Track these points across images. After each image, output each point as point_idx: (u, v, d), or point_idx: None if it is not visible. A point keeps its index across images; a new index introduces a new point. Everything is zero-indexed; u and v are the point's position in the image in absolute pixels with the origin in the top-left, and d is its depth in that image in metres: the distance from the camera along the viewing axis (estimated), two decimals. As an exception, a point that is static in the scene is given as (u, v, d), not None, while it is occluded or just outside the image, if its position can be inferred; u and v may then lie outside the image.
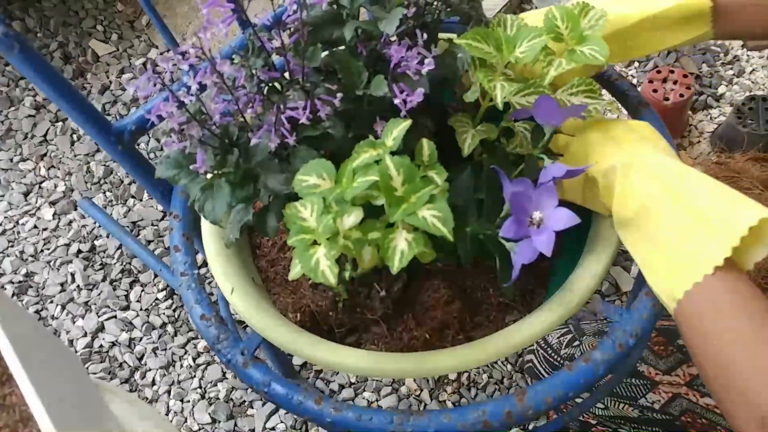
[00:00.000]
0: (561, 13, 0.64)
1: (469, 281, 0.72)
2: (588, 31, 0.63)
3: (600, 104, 0.66)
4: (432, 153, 0.57)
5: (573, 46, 0.63)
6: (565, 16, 0.64)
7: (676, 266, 0.56)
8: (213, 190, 0.59)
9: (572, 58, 0.63)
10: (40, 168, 1.70)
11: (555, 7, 0.65)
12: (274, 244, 0.77)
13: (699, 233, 0.55)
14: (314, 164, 0.56)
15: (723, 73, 1.58)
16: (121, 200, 1.62)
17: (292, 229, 0.54)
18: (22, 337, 0.49)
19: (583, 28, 0.64)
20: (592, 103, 0.65)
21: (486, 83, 0.60)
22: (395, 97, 0.58)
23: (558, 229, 0.57)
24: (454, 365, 0.62)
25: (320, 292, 0.70)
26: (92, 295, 1.50)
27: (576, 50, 0.63)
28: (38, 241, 1.59)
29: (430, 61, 0.58)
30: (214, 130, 0.58)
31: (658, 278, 0.59)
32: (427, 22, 0.63)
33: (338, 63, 0.60)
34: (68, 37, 1.88)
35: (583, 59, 0.62)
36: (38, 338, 0.54)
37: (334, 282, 0.52)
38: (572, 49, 0.63)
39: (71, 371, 0.61)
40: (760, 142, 1.32)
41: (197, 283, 0.67)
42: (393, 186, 0.53)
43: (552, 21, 0.64)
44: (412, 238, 0.53)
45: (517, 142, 0.67)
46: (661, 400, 0.89)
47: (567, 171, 0.58)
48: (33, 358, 0.49)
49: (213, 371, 1.38)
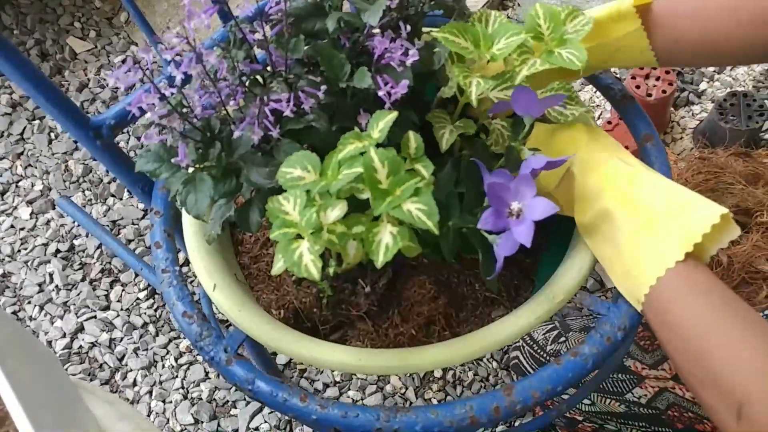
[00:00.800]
0: (544, 12, 0.63)
1: (455, 276, 0.71)
2: (571, 35, 0.63)
3: (577, 111, 0.65)
4: (419, 146, 0.56)
5: (552, 47, 0.62)
6: (548, 16, 0.63)
7: (638, 265, 0.57)
8: (195, 184, 0.58)
9: (549, 60, 0.62)
10: (17, 167, 1.67)
11: (540, 4, 0.64)
12: (257, 240, 0.76)
13: (658, 232, 0.56)
14: (299, 156, 0.55)
15: (704, 69, 1.59)
16: (101, 199, 1.60)
17: (274, 222, 0.53)
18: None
19: (565, 31, 0.63)
20: (570, 110, 0.65)
21: (461, 79, 0.59)
22: (379, 89, 0.58)
23: (537, 218, 0.56)
24: (439, 361, 0.61)
25: (304, 289, 0.69)
26: (71, 295, 1.48)
27: (554, 52, 0.62)
28: (15, 241, 1.56)
29: (414, 53, 0.57)
30: (195, 123, 0.57)
31: (622, 279, 0.60)
32: (410, 14, 0.62)
33: (321, 55, 0.59)
34: (45, 35, 1.85)
35: (559, 62, 0.61)
36: (15, 338, 0.52)
37: (318, 277, 0.51)
38: (551, 50, 0.62)
39: (49, 371, 0.59)
40: (742, 137, 1.33)
41: (179, 280, 0.66)
42: (378, 179, 0.52)
43: (534, 19, 0.63)
44: (397, 231, 0.52)
45: (493, 139, 0.67)
46: (648, 394, 0.89)
47: (547, 162, 0.58)
48: (10, 358, 0.47)
49: (195, 371, 1.36)
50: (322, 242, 0.53)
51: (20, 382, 0.45)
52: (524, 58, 0.63)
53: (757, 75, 1.56)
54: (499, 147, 0.67)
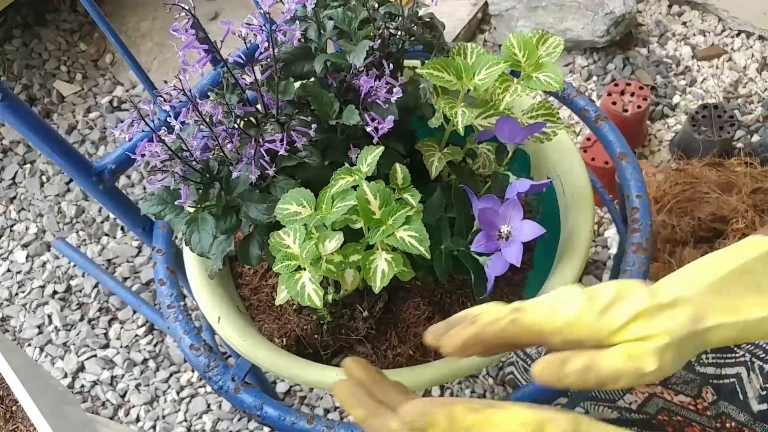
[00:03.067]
0: (518, 41, 0.67)
1: (448, 296, 0.75)
2: (545, 58, 0.67)
3: (558, 127, 0.69)
4: (405, 176, 0.60)
5: (530, 72, 0.67)
6: (522, 45, 0.67)
7: None
8: (198, 223, 0.61)
9: (528, 85, 0.66)
10: (10, 211, 1.69)
11: (513, 35, 0.68)
12: (256, 272, 0.79)
13: None
14: (294, 193, 0.59)
15: (676, 83, 1.64)
16: (95, 239, 1.62)
17: (277, 256, 0.57)
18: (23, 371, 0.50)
19: (539, 55, 0.67)
20: (551, 126, 0.69)
21: (447, 110, 0.63)
22: (367, 125, 0.61)
23: (525, 240, 0.61)
24: (437, 378, 0.64)
25: (305, 316, 0.72)
26: (71, 335, 1.50)
27: (533, 77, 0.66)
28: (12, 285, 1.58)
29: (398, 90, 0.61)
30: (195, 166, 0.61)
31: None
32: (392, 52, 0.66)
33: (311, 95, 0.63)
34: (32, 79, 1.88)
35: (538, 86, 0.65)
36: (36, 374, 0.55)
37: (320, 304, 0.55)
38: (529, 75, 0.67)
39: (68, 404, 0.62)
40: (714, 147, 1.38)
41: (184, 315, 0.69)
42: (371, 209, 0.56)
43: (510, 49, 0.67)
44: (392, 258, 0.56)
45: (480, 163, 0.71)
46: (638, 400, 0.92)
47: (531, 185, 0.62)
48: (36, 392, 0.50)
49: (197, 403, 1.38)
50: (321, 272, 0.57)
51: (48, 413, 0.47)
52: (506, 86, 0.68)
53: (727, 86, 1.62)
54: (486, 169, 0.71)
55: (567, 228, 0.74)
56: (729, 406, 0.86)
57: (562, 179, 0.77)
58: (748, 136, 1.53)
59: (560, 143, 0.77)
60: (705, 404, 0.88)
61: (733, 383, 0.85)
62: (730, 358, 0.86)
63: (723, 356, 0.87)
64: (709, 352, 0.88)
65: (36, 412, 0.47)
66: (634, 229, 0.69)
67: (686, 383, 0.89)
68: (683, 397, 0.90)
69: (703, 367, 0.88)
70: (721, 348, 0.87)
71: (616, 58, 1.69)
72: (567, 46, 1.70)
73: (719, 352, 0.87)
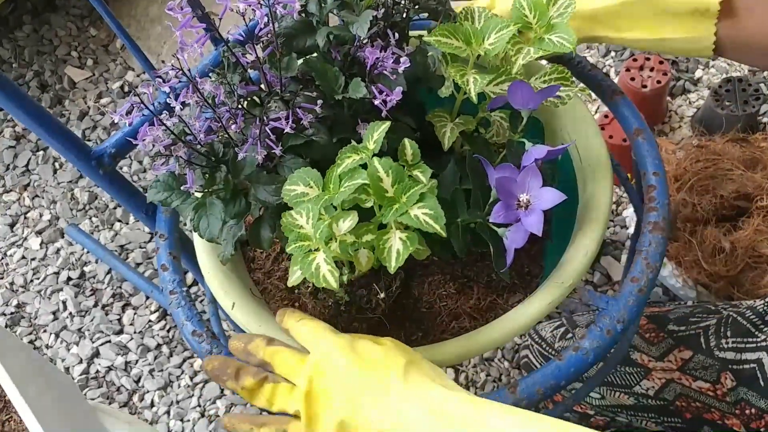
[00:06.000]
0: (528, 3, 0.65)
1: (469, 270, 0.72)
2: (556, 19, 0.64)
3: (572, 91, 0.66)
4: (415, 152, 0.58)
5: (542, 34, 0.64)
6: (532, 6, 0.64)
7: None
8: (206, 208, 0.59)
9: (541, 47, 0.63)
10: (24, 198, 1.69)
11: None
12: (268, 256, 0.77)
13: None
14: (300, 173, 0.57)
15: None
16: (108, 225, 1.62)
17: (290, 237, 0.55)
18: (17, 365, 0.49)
19: (551, 15, 0.64)
20: (565, 90, 0.66)
21: (458, 78, 0.61)
22: (374, 98, 0.59)
23: (546, 207, 0.58)
24: (459, 354, 0.63)
25: (320, 300, 0.70)
26: (85, 321, 1.50)
27: (545, 38, 0.63)
28: (27, 272, 1.58)
29: (405, 60, 0.59)
30: (200, 149, 0.59)
31: None
32: (396, 21, 0.64)
33: (315, 70, 0.61)
34: (44, 66, 1.87)
35: (551, 47, 0.63)
36: (34, 365, 0.54)
37: (336, 285, 0.53)
38: (541, 37, 0.64)
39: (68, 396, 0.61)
40: (739, 122, 1.33)
41: (186, 301, 0.67)
42: (383, 187, 0.53)
43: (520, 10, 0.65)
44: (406, 236, 0.54)
45: (494, 131, 0.68)
46: (655, 386, 0.90)
47: (548, 151, 0.60)
48: (30, 385, 0.49)
49: (211, 389, 1.37)
50: (334, 252, 0.55)
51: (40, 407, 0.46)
52: (518, 48, 0.65)
53: (752, 59, 1.57)
54: (500, 138, 0.69)
55: (585, 197, 0.71)
56: (748, 392, 0.83)
57: (578, 145, 0.75)
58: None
59: (575, 110, 0.75)
60: (724, 390, 0.86)
61: (754, 369, 0.83)
62: (751, 343, 0.83)
63: (743, 341, 0.84)
64: (729, 336, 0.85)
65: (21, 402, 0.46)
66: (651, 207, 0.67)
67: (705, 368, 0.86)
68: (701, 382, 0.87)
69: (723, 352, 0.85)
70: (741, 332, 0.84)
71: (636, 33, 1.64)
72: (584, 21, 1.66)
73: (739, 336, 0.84)
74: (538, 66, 0.74)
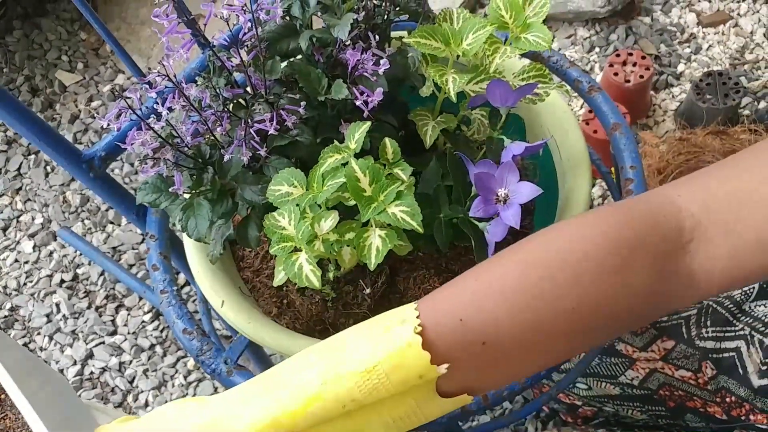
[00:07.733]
0: (504, 3, 0.66)
1: (452, 264, 0.74)
2: (532, 18, 0.66)
3: (550, 87, 0.68)
4: (395, 151, 0.59)
5: (518, 33, 0.66)
6: (508, 6, 0.66)
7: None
8: (193, 209, 0.61)
9: (517, 46, 0.65)
10: (16, 202, 1.70)
11: None
12: (257, 255, 0.78)
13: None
14: (284, 174, 0.59)
15: (681, 51, 1.62)
16: (100, 227, 1.63)
17: (272, 238, 0.56)
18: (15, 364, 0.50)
19: (527, 15, 0.66)
20: (543, 87, 0.68)
21: (438, 78, 0.62)
22: (356, 99, 0.61)
23: (523, 201, 0.60)
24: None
25: (307, 296, 0.71)
26: (78, 323, 1.51)
27: (521, 38, 0.65)
28: (20, 275, 1.59)
29: (385, 62, 0.61)
30: (187, 152, 0.60)
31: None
32: (377, 23, 0.65)
33: (298, 72, 0.62)
34: (34, 70, 1.88)
35: (528, 46, 0.64)
36: (29, 363, 0.55)
37: (319, 285, 0.54)
38: (517, 36, 0.65)
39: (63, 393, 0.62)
40: (719, 116, 1.36)
41: (177, 300, 0.68)
42: (361, 187, 0.55)
43: (497, 11, 0.66)
44: (385, 234, 0.55)
45: (474, 129, 0.70)
46: (639, 376, 0.92)
47: (526, 147, 0.62)
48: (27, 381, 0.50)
49: (205, 387, 1.39)
50: (317, 252, 0.56)
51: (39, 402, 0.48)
52: (495, 48, 0.67)
53: (733, 53, 1.59)
54: (480, 135, 0.70)
55: (565, 191, 0.73)
56: (729, 381, 0.85)
57: (557, 142, 0.76)
58: (755, 103, 1.51)
59: (554, 106, 0.76)
60: (705, 379, 0.88)
61: (733, 357, 0.85)
62: (730, 332, 0.85)
63: (722, 330, 0.86)
64: (709, 326, 0.87)
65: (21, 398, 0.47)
66: (628, 201, 0.68)
67: (686, 358, 0.88)
68: (684, 371, 0.89)
69: (703, 342, 0.87)
70: (720, 322, 0.86)
71: (619, 28, 1.66)
72: (568, 18, 1.68)
73: (718, 325, 0.86)
74: (517, 64, 0.75)
